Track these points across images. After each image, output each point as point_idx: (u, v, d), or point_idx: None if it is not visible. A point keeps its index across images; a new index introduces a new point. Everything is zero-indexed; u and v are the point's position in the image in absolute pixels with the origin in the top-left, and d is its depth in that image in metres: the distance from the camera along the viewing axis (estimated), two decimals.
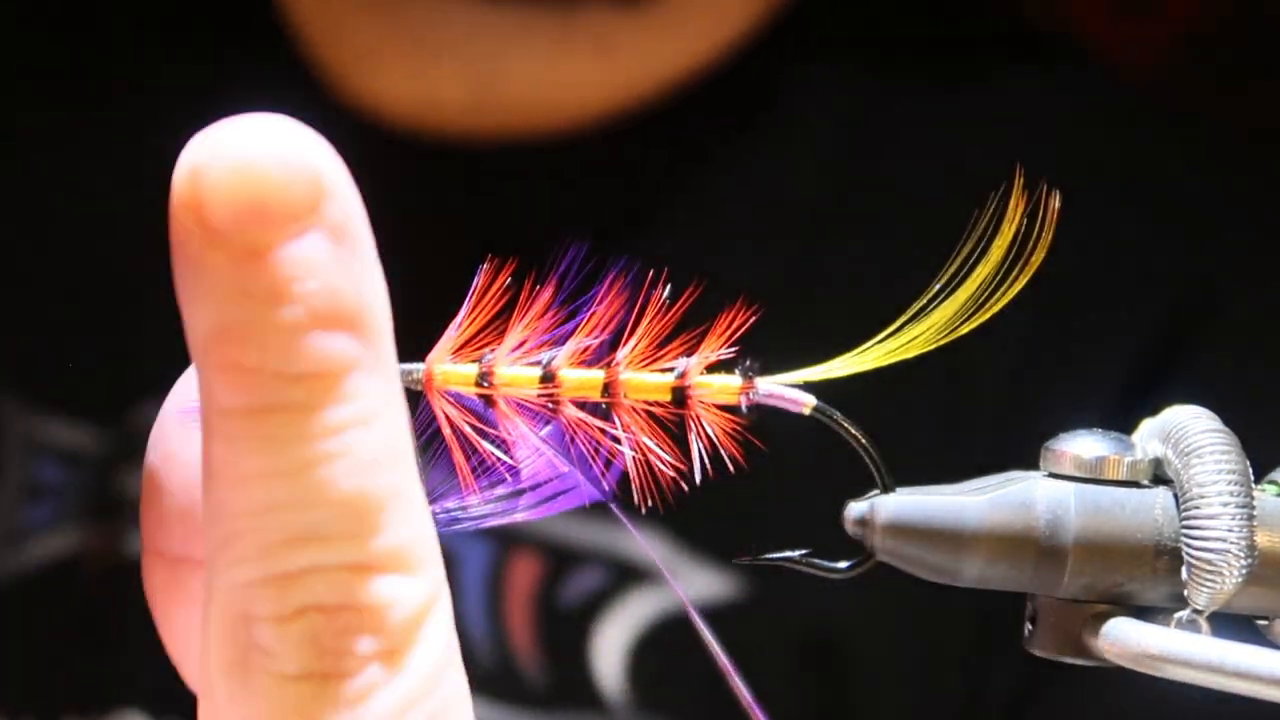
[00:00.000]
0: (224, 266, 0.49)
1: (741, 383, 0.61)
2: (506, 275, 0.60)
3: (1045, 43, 1.25)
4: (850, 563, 0.61)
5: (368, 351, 0.51)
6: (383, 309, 0.52)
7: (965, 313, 0.61)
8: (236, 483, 0.50)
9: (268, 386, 0.50)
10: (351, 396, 0.50)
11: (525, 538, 1.15)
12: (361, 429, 0.51)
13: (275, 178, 0.49)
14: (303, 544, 0.50)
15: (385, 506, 0.51)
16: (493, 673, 1.16)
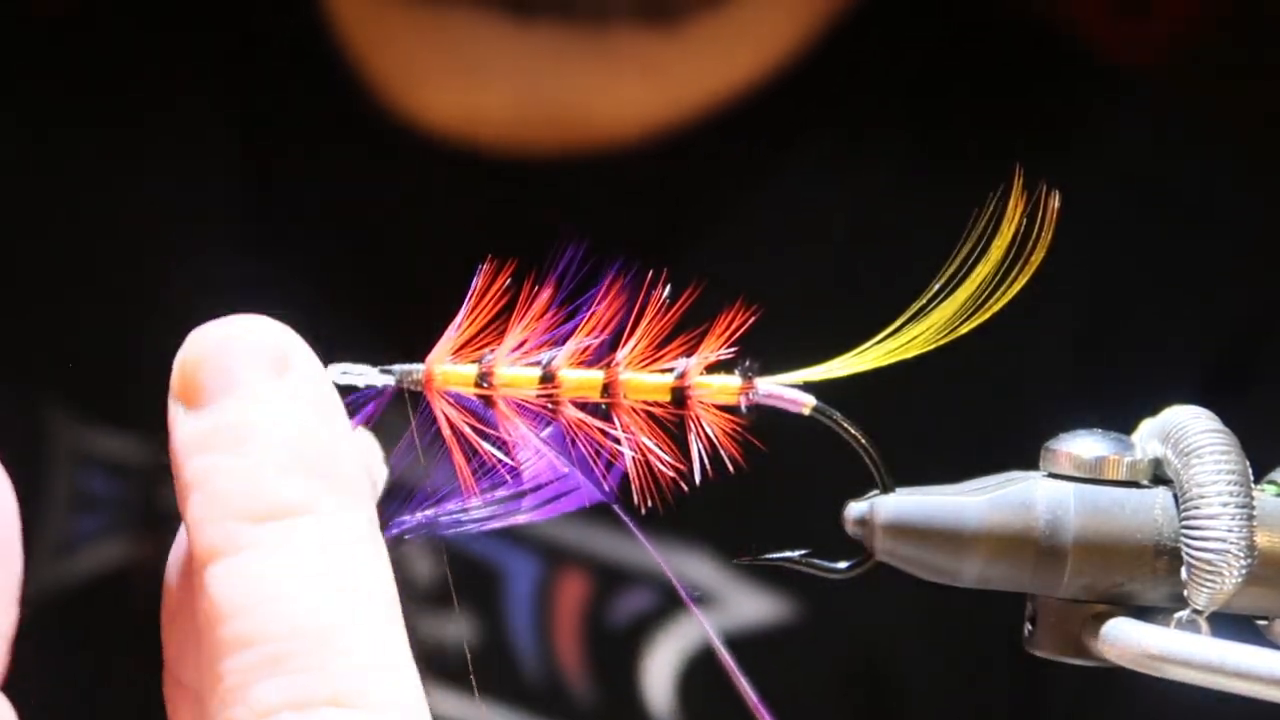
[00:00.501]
0: (186, 421, 0.55)
1: (741, 383, 0.61)
2: (506, 276, 0.60)
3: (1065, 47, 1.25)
4: (850, 563, 0.61)
5: (331, 491, 0.54)
6: (347, 456, 0.55)
7: (965, 313, 0.61)
8: (214, 627, 0.53)
9: (231, 530, 0.53)
10: (312, 535, 0.53)
11: (573, 555, 1.16)
12: (318, 565, 0.53)
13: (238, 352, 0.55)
14: (271, 678, 0.52)
15: (350, 641, 0.53)
16: (540, 690, 1.16)
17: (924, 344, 0.62)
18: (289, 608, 0.53)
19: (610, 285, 0.61)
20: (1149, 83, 1.27)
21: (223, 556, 0.53)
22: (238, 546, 0.53)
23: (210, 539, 0.54)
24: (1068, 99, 1.24)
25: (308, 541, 0.54)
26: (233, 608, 0.53)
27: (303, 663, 0.52)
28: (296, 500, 0.54)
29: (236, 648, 0.52)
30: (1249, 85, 1.34)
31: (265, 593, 0.53)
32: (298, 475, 0.54)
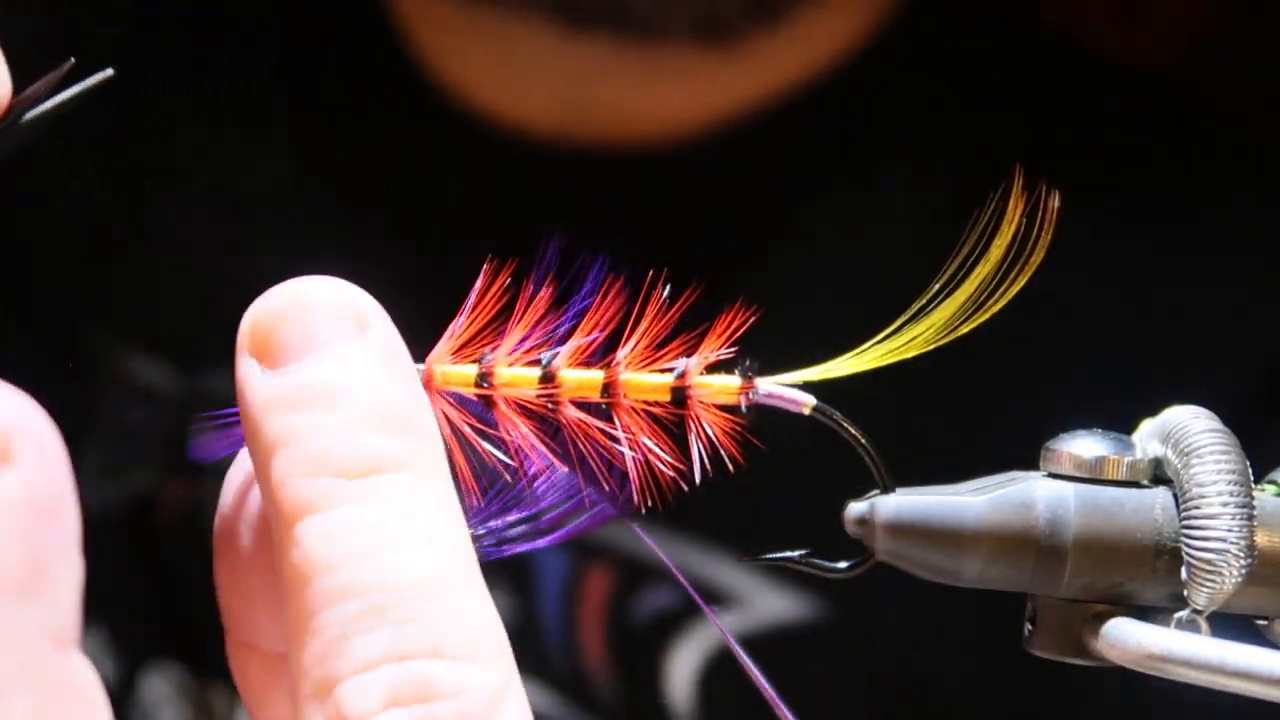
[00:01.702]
0: (265, 379, 0.55)
1: (741, 383, 0.61)
2: (507, 275, 0.60)
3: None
4: (850, 563, 0.61)
5: (418, 451, 0.55)
6: (428, 419, 0.56)
7: (965, 313, 0.61)
8: (309, 581, 0.53)
9: (326, 486, 0.53)
10: (406, 491, 0.54)
11: (600, 549, 1.16)
12: (414, 521, 0.54)
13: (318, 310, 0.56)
14: (373, 630, 0.52)
15: (450, 593, 0.53)
16: (565, 679, 1.17)
17: (924, 344, 0.62)
18: (388, 560, 0.53)
19: (611, 284, 0.61)
20: (1149, 83, 1.27)
21: (317, 511, 0.53)
22: (333, 501, 0.53)
23: (303, 494, 0.54)
24: (1069, 99, 1.25)
25: (402, 497, 0.54)
26: (330, 560, 0.53)
27: (404, 614, 0.52)
28: (390, 456, 0.54)
29: (335, 600, 0.52)
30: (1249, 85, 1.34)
31: (364, 546, 0.53)
32: (388, 433, 0.54)
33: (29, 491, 0.49)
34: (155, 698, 1.21)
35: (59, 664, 0.48)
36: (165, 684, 1.20)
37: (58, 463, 0.50)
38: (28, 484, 0.49)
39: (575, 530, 0.61)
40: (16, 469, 0.49)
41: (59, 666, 0.48)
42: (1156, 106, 1.26)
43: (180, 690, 1.20)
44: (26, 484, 0.49)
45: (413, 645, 0.52)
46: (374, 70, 1.26)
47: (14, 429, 0.49)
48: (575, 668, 1.18)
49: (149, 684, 1.21)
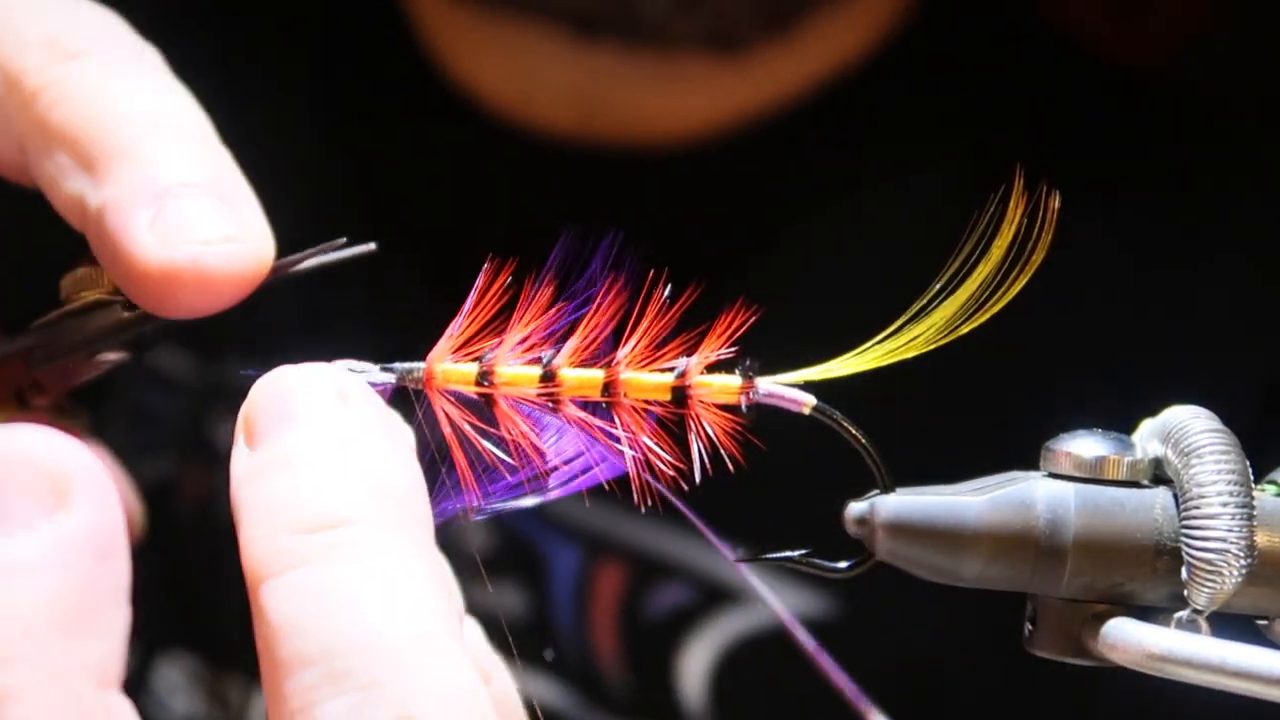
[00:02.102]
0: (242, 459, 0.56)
1: (741, 382, 0.61)
2: (508, 275, 0.60)
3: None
4: (850, 562, 0.61)
5: (383, 508, 0.54)
6: (399, 471, 0.55)
7: (965, 313, 0.62)
8: (273, 648, 0.52)
9: (282, 545, 0.53)
10: (366, 546, 0.53)
11: (612, 545, 1.17)
12: (376, 579, 0.53)
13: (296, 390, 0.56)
14: (335, 698, 0.51)
15: (418, 651, 0.52)
16: (577, 674, 1.17)
17: (924, 344, 0.62)
18: (346, 622, 0.52)
19: (612, 284, 0.61)
20: (1148, 83, 1.27)
21: (274, 574, 0.53)
22: (289, 562, 0.53)
23: (260, 556, 0.53)
24: (1069, 101, 1.25)
25: (359, 552, 0.53)
26: (289, 626, 0.52)
27: (366, 678, 0.51)
28: (343, 511, 0.54)
29: (297, 667, 0.52)
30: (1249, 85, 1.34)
31: (320, 608, 0.52)
32: (345, 488, 0.54)
33: (85, 534, 0.50)
34: (169, 686, 1.21)
35: (102, 702, 0.49)
36: (179, 672, 1.21)
37: (113, 508, 0.51)
38: (84, 527, 0.50)
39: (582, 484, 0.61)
40: (74, 512, 0.50)
41: (102, 705, 0.49)
42: (1156, 107, 1.26)
43: (194, 679, 1.21)
44: (83, 527, 0.50)
45: (378, 711, 0.51)
46: (390, 72, 1.26)
47: (74, 473, 0.51)
48: (588, 663, 1.18)
49: (163, 672, 1.21)
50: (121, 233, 0.61)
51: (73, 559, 0.50)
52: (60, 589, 0.49)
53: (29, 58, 0.65)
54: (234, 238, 0.61)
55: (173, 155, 0.62)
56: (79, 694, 0.49)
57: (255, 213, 0.63)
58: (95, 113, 0.63)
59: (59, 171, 0.63)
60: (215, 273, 0.60)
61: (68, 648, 0.49)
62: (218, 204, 0.62)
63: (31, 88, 0.64)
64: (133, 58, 0.67)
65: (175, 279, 0.60)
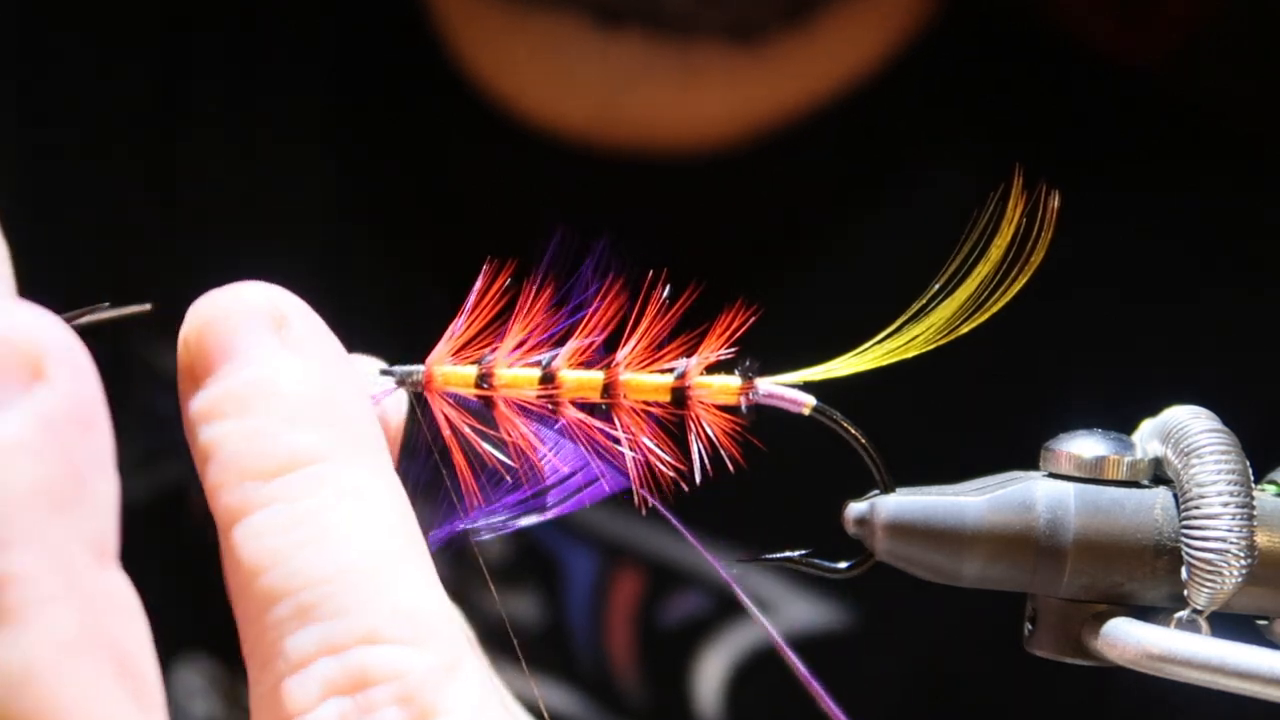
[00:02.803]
0: (192, 396, 0.55)
1: (741, 383, 0.61)
2: (507, 276, 0.60)
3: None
4: (850, 563, 0.61)
5: (339, 439, 0.54)
6: (353, 402, 0.55)
7: (965, 313, 0.62)
8: (243, 589, 0.53)
9: (245, 491, 0.54)
10: (325, 483, 0.54)
11: (629, 552, 1.17)
12: (336, 511, 0.53)
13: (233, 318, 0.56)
14: (303, 629, 0.52)
15: (381, 577, 0.53)
16: (593, 680, 1.17)
17: (924, 344, 0.62)
18: (311, 556, 0.53)
19: (612, 284, 0.61)
20: (1149, 83, 1.27)
21: (240, 519, 0.53)
22: (253, 506, 0.53)
23: (227, 503, 0.54)
24: (1071, 100, 1.25)
25: (321, 490, 0.54)
26: (256, 566, 0.53)
27: (330, 608, 0.52)
28: (304, 451, 0.54)
29: (267, 605, 0.53)
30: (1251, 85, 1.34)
31: (286, 546, 0.53)
32: (303, 427, 0.54)
33: (64, 406, 0.49)
34: (187, 690, 1.21)
35: (100, 577, 0.49)
36: (197, 676, 1.21)
37: (89, 378, 0.50)
38: (62, 399, 0.49)
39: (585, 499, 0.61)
40: (50, 385, 0.49)
41: (100, 579, 0.49)
42: (1157, 106, 1.26)
43: (212, 682, 1.21)
44: (61, 399, 0.49)
45: (345, 636, 0.52)
46: (410, 69, 1.26)
47: (46, 347, 0.49)
48: (603, 670, 1.18)
49: (180, 676, 1.21)
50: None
51: (55, 433, 0.49)
52: (46, 465, 0.48)
53: None
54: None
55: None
56: (77, 571, 0.48)
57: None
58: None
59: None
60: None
61: (61, 524, 0.48)
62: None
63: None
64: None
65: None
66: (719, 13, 1.16)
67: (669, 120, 1.21)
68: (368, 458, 0.55)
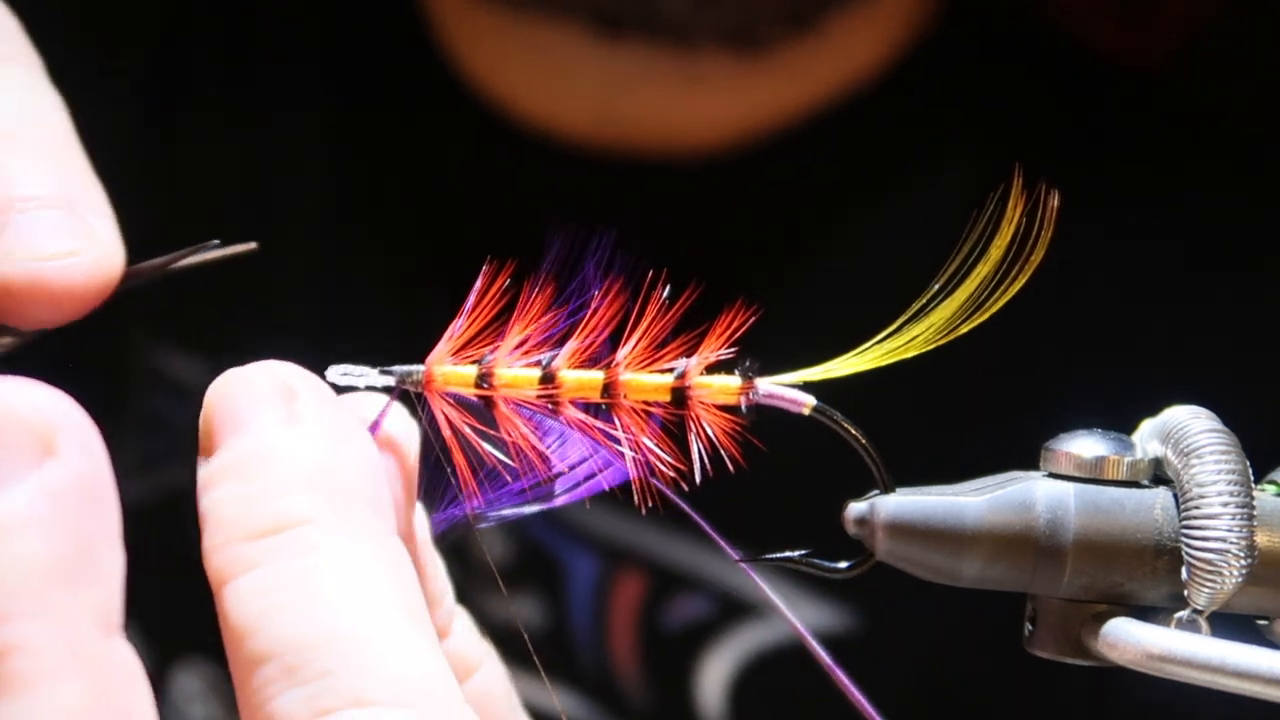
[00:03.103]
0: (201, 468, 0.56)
1: (741, 383, 0.61)
2: (507, 277, 0.60)
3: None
4: (850, 563, 0.61)
5: (331, 504, 0.55)
6: (352, 467, 0.56)
7: (965, 313, 0.62)
8: (234, 650, 0.54)
9: (235, 552, 0.54)
10: (316, 545, 0.54)
11: (631, 555, 1.17)
12: (325, 574, 0.54)
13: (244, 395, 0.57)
14: (290, 690, 0.52)
15: (370, 640, 0.53)
16: (595, 683, 1.17)
17: (924, 344, 0.62)
18: (299, 618, 0.53)
19: (612, 285, 0.61)
20: (1150, 84, 1.27)
21: (229, 579, 0.54)
22: (243, 566, 0.54)
23: (219, 564, 0.54)
24: (1072, 101, 1.25)
25: (310, 554, 0.54)
26: (246, 627, 0.53)
27: (317, 669, 0.52)
28: (294, 515, 0.54)
29: (254, 666, 0.53)
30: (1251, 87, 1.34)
31: (274, 606, 0.53)
32: (295, 493, 0.55)
33: (73, 482, 0.51)
34: (187, 693, 1.21)
35: (105, 648, 0.50)
36: (197, 680, 1.21)
37: (98, 454, 0.52)
38: (71, 474, 0.51)
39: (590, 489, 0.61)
40: (60, 461, 0.51)
41: (106, 650, 0.50)
42: (1158, 108, 1.26)
43: (212, 686, 1.21)
44: (70, 475, 0.51)
45: (331, 699, 0.52)
46: (410, 74, 1.26)
47: (56, 423, 0.51)
48: (606, 672, 1.18)
49: (180, 680, 1.21)
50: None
51: (64, 508, 0.50)
52: (54, 539, 0.50)
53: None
54: (76, 251, 0.60)
55: (21, 167, 0.62)
56: (83, 643, 0.49)
57: (104, 222, 0.62)
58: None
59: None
60: (57, 287, 0.60)
61: (68, 597, 0.50)
62: (63, 217, 0.61)
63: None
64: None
65: (17, 295, 0.60)
66: (719, 19, 1.16)
67: (670, 125, 1.21)
68: (362, 522, 0.55)
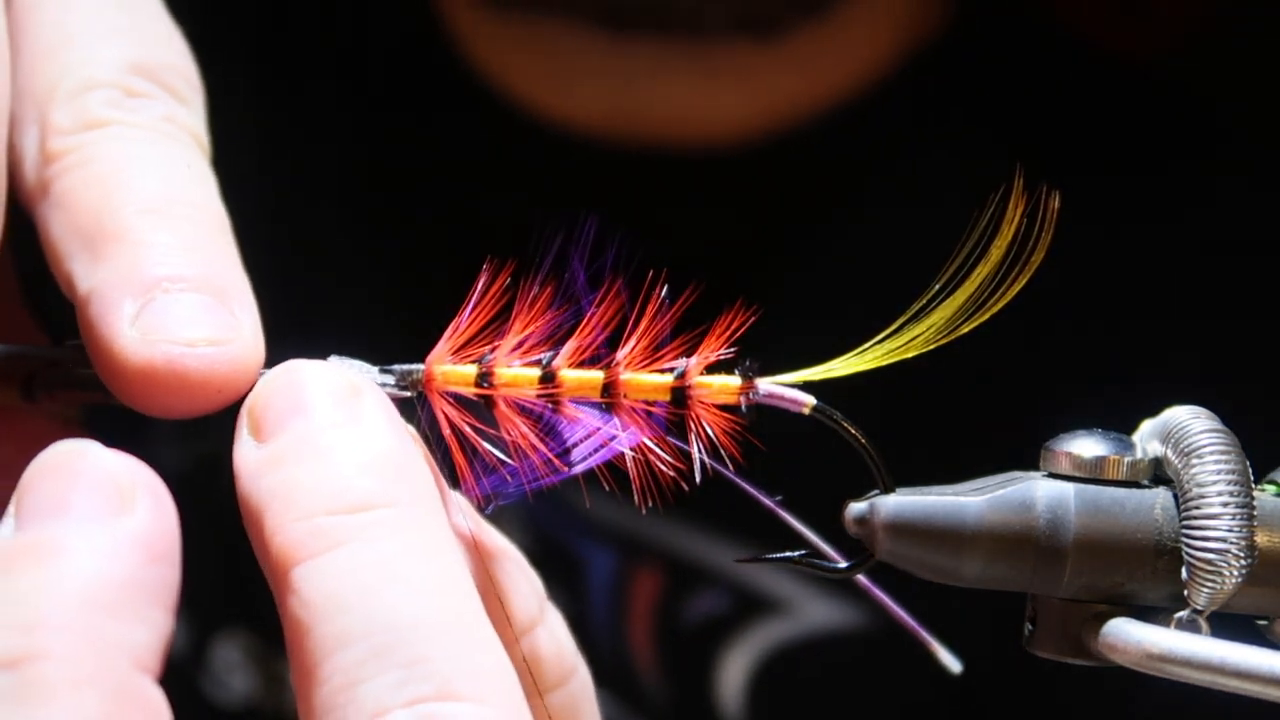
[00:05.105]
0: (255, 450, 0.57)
1: (741, 383, 0.61)
2: (507, 275, 0.60)
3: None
4: (850, 562, 0.61)
5: (410, 491, 0.55)
6: (419, 467, 0.56)
7: (965, 313, 0.62)
8: (310, 630, 0.53)
9: (320, 525, 0.54)
10: (401, 528, 0.54)
11: (649, 550, 1.17)
12: (414, 559, 0.54)
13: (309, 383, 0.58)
14: (380, 675, 0.52)
15: (454, 631, 0.53)
16: (614, 678, 1.17)
17: (924, 344, 0.62)
18: (389, 599, 0.53)
19: (613, 284, 0.61)
20: (1150, 83, 1.27)
21: (313, 555, 0.54)
22: (328, 542, 0.54)
23: (295, 539, 0.54)
24: (1072, 99, 1.25)
25: (398, 534, 0.54)
26: (332, 604, 0.53)
27: (409, 655, 0.52)
28: (378, 495, 0.54)
29: (339, 646, 0.52)
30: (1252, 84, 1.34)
31: (362, 587, 0.53)
32: (375, 474, 0.55)
33: (142, 534, 0.53)
34: (227, 664, 1.21)
35: (136, 680, 0.51)
36: (236, 650, 1.21)
37: (171, 520, 0.54)
38: (141, 528, 0.53)
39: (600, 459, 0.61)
40: (134, 515, 0.53)
41: (135, 682, 0.51)
42: (1159, 105, 1.26)
43: (251, 656, 1.21)
44: (140, 527, 0.53)
45: (421, 688, 0.52)
46: (424, 73, 1.26)
47: (140, 485, 0.54)
48: (625, 667, 1.18)
49: (220, 651, 1.21)
50: (104, 324, 0.59)
51: (125, 552, 0.52)
52: (109, 574, 0.51)
53: (58, 117, 0.64)
54: (218, 341, 0.59)
55: (170, 245, 0.61)
56: (113, 668, 0.50)
57: (248, 313, 0.61)
58: (100, 192, 0.62)
59: (58, 241, 0.62)
60: (195, 378, 0.59)
61: (108, 626, 0.51)
62: (207, 303, 0.60)
63: (51, 150, 0.64)
64: (160, 129, 0.66)
65: (153, 380, 0.59)
66: (729, 6, 1.16)
67: (681, 117, 1.21)
68: (436, 513, 0.56)
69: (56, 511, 0.52)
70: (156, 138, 0.65)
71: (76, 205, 0.62)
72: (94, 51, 0.66)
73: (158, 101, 0.66)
